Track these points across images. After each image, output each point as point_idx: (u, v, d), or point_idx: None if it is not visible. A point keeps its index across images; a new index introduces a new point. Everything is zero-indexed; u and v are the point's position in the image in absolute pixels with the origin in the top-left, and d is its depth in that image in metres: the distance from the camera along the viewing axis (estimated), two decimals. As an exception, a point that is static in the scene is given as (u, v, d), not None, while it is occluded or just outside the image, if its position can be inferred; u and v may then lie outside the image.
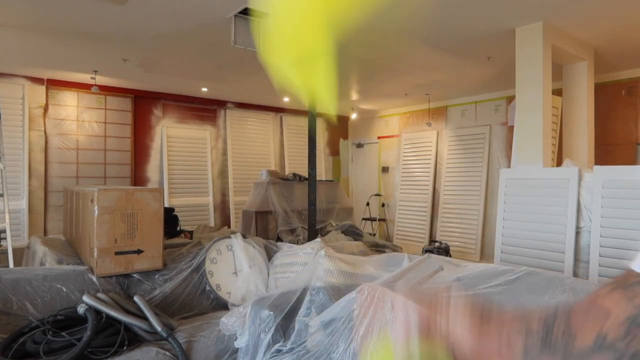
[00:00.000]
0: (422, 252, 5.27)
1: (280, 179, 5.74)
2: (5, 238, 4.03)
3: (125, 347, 1.99)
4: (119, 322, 2.07)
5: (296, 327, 1.95)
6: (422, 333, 0.39)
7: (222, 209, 7.31)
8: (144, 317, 2.15)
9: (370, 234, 6.82)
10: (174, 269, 2.64)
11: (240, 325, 2.08)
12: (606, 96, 5.36)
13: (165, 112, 6.85)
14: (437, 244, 5.82)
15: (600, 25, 3.86)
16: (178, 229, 5.16)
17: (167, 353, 2.01)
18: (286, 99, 7.38)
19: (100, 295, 2.21)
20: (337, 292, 1.84)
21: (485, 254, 6.42)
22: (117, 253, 2.38)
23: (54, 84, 5.87)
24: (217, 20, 3.75)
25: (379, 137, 8.53)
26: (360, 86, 6.39)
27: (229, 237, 2.93)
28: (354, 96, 7.04)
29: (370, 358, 0.40)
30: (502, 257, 3.49)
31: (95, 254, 2.32)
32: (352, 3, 0.32)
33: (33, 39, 4.27)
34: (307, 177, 4.77)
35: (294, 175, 5.92)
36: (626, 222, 2.64)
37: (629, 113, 5.24)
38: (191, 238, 4.36)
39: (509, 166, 5.86)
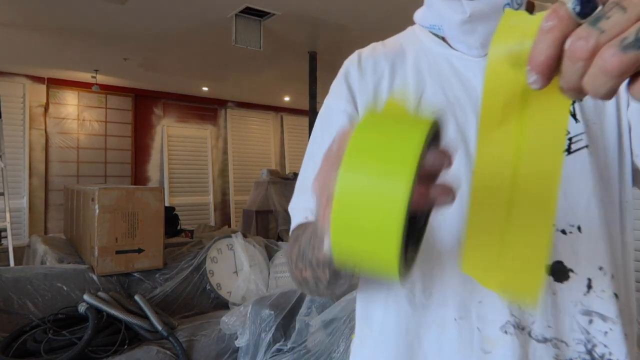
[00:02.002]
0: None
1: (281, 178, 5.75)
2: (6, 237, 4.04)
3: (125, 346, 2.00)
4: (119, 321, 2.08)
5: (297, 326, 1.96)
6: None
7: (223, 208, 7.32)
8: (144, 316, 2.15)
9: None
10: (175, 268, 2.64)
11: (240, 325, 2.08)
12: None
13: (165, 111, 6.85)
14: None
15: None
16: (178, 228, 5.17)
17: (168, 352, 2.02)
18: (287, 99, 7.39)
19: (100, 294, 2.21)
20: (337, 292, 1.84)
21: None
22: (117, 252, 2.38)
23: (54, 83, 5.87)
24: (218, 19, 3.75)
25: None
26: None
27: (230, 237, 2.93)
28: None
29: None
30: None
31: (96, 252, 2.32)
32: None
33: (34, 38, 4.27)
34: (307, 176, 4.76)
35: (295, 174, 5.92)
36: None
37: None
38: (191, 237, 4.36)
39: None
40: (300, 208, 0.64)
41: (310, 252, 0.46)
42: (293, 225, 0.65)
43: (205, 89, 6.60)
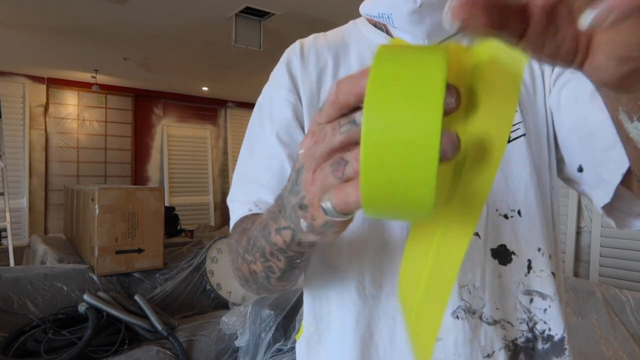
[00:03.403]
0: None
1: (281, 178, 5.74)
2: (6, 237, 4.04)
3: (125, 346, 2.00)
4: (119, 321, 2.08)
5: (297, 326, 1.96)
6: None
7: (223, 208, 7.32)
8: (144, 316, 2.15)
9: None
10: (175, 268, 2.64)
11: (240, 325, 2.08)
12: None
13: (165, 111, 6.84)
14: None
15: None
16: (178, 228, 5.17)
17: (168, 352, 2.02)
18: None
19: (100, 294, 2.21)
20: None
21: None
22: (117, 252, 2.38)
23: (54, 83, 5.86)
24: (217, 19, 3.75)
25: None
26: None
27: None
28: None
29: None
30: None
31: (96, 252, 2.32)
32: None
33: (34, 38, 4.27)
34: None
35: (295, 174, 5.90)
36: (627, 222, 2.64)
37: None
38: (192, 237, 4.36)
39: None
40: (242, 200, 0.63)
41: (265, 239, 0.44)
42: (235, 218, 0.63)
43: (205, 89, 6.60)
